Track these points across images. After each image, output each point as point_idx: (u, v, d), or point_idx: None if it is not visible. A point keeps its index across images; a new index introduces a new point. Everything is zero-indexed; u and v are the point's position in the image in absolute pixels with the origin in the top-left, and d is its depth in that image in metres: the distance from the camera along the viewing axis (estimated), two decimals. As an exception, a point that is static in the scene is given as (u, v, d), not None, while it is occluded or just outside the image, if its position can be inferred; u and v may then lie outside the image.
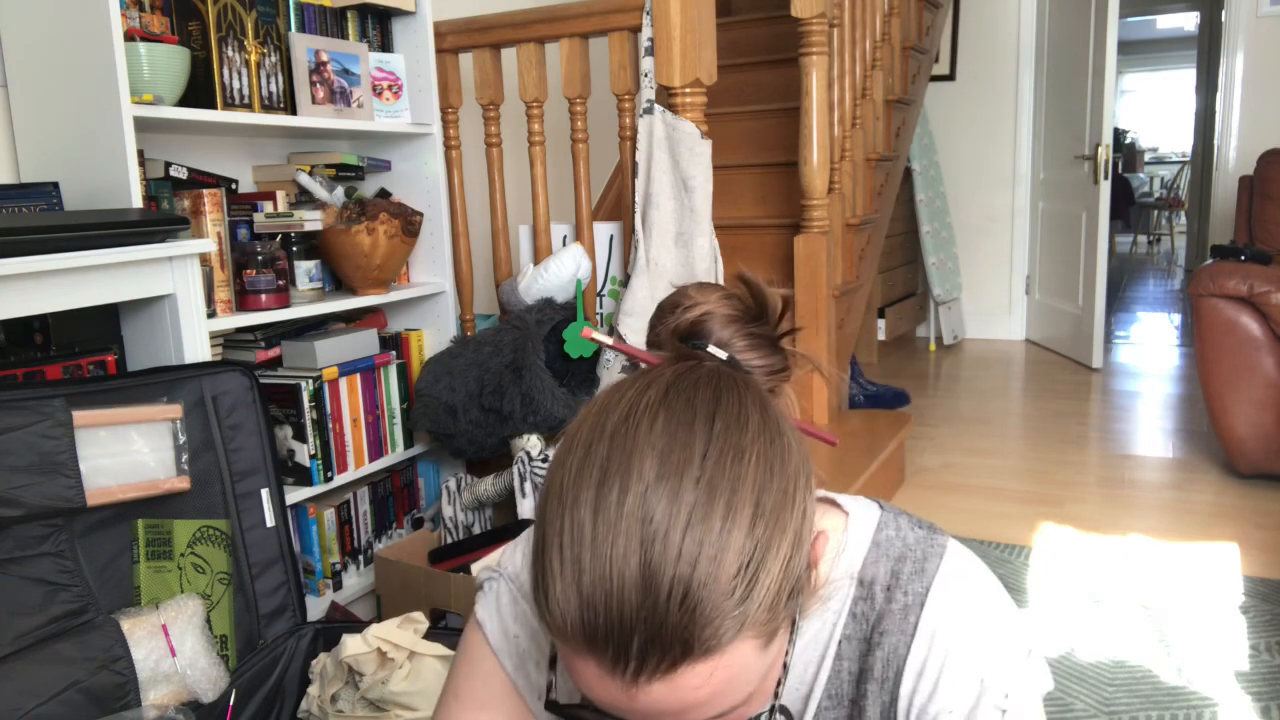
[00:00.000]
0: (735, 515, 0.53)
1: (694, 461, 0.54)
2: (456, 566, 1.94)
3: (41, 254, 1.36)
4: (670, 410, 0.57)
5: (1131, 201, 9.28)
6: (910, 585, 0.69)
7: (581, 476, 0.56)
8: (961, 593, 0.69)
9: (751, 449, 0.56)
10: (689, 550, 0.52)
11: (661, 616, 0.51)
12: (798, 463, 0.59)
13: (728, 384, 0.60)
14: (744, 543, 0.53)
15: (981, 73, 4.83)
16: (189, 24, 1.82)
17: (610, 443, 0.56)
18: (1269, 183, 3.55)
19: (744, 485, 0.55)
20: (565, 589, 0.54)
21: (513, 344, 2.09)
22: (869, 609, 0.70)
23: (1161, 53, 11.25)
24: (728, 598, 0.52)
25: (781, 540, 0.55)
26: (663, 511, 0.53)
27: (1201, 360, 2.79)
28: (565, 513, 0.55)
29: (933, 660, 0.67)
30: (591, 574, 0.53)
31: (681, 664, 0.52)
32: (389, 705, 1.44)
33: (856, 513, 0.74)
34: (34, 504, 1.31)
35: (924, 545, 0.71)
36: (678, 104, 2.18)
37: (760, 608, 0.54)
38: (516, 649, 0.77)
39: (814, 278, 2.58)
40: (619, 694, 0.54)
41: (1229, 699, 1.71)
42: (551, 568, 0.55)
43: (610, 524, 0.53)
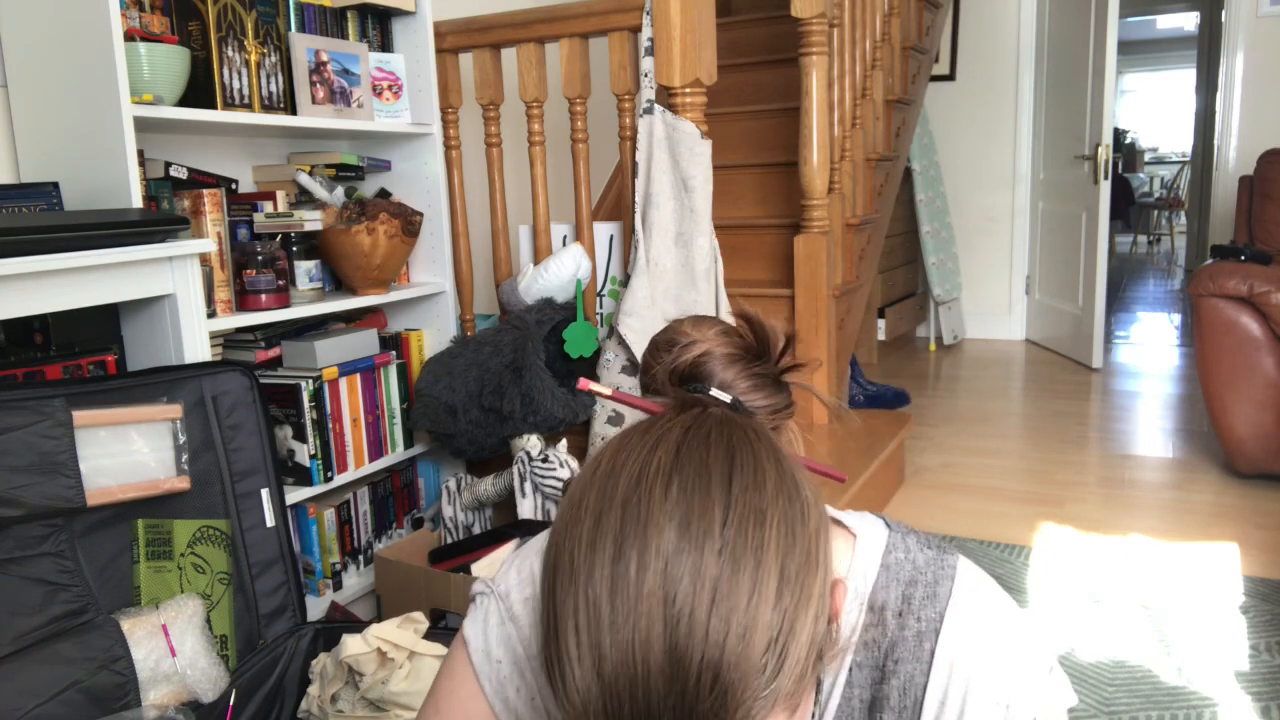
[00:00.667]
0: (761, 587, 0.50)
1: (714, 532, 0.51)
2: (456, 566, 1.94)
3: (41, 254, 1.36)
4: (684, 474, 0.53)
5: (1131, 201, 9.28)
6: (923, 611, 0.67)
7: (595, 551, 0.52)
8: (977, 618, 0.67)
9: (772, 512, 0.53)
10: (716, 630, 0.48)
11: (691, 702, 0.48)
12: (817, 519, 0.56)
13: (740, 438, 0.57)
14: (772, 616, 0.50)
15: (981, 73, 4.83)
16: (189, 24, 1.82)
17: (622, 512, 0.52)
18: (1269, 183, 3.55)
19: (768, 553, 0.51)
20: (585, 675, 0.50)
21: (513, 344, 2.09)
22: (880, 635, 0.68)
23: (1161, 53, 11.25)
24: (759, 675, 0.49)
25: (808, 607, 0.52)
26: (685, 589, 0.49)
27: (1201, 360, 2.79)
28: (579, 591, 0.51)
29: (954, 690, 0.66)
30: (613, 659, 0.49)
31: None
32: (389, 705, 1.44)
33: (864, 534, 0.72)
34: (34, 504, 1.31)
35: (934, 567, 0.69)
36: (678, 104, 2.18)
37: (790, 679, 0.51)
38: (498, 674, 0.74)
39: (814, 278, 2.58)
40: None
41: (1229, 699, 1.71)
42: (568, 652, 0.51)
43: (630, 604, 0.49)
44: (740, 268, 2.92)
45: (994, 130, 4.86)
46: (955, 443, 3.28)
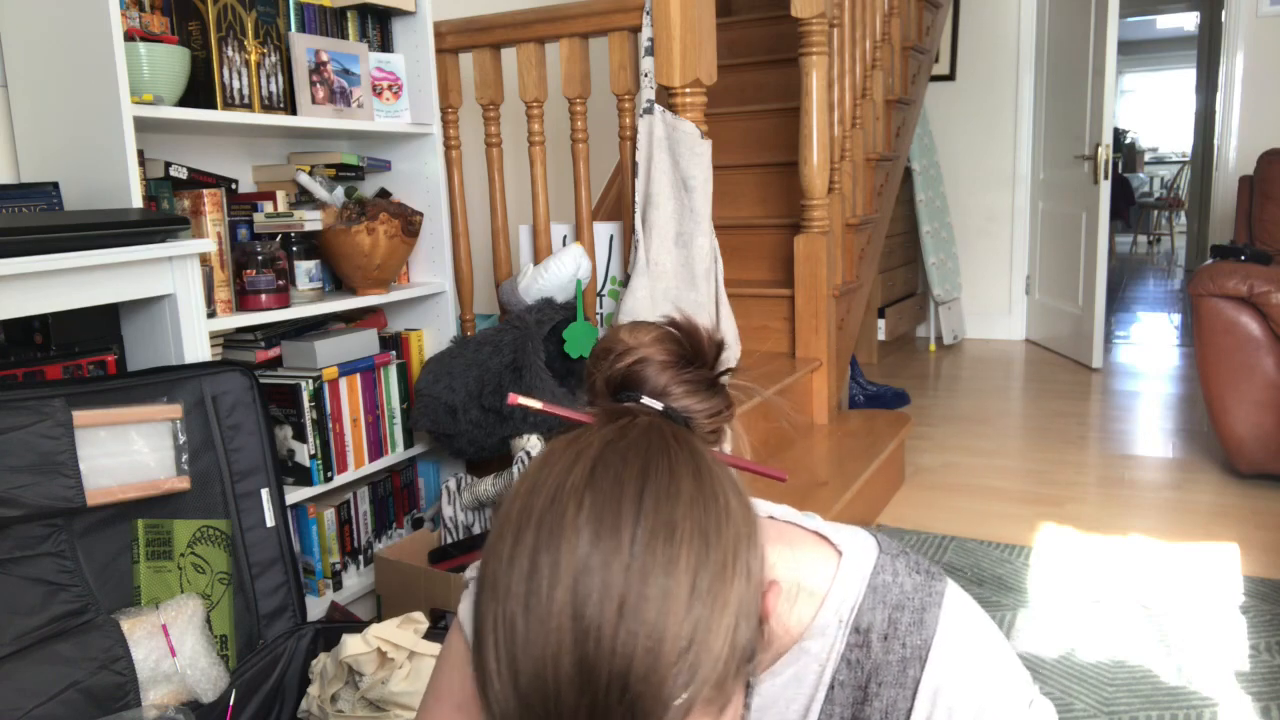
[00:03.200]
0: (670, 600, 0.51)
1: (623, 547, 0.51)
2: (456, 566, 1.94)
3: (41, 254, 1.36)
4: (596, 491, 0.54)
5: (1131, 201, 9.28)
6: (909, 637, 0.68)
7: (512, 566, 0.53)
8: (964, 649, 0.68)
9: (683, 525, 0.53)
10: (624, 644, 0.49)
11: (602, 714, 0.49)
12: (738, 525, 0.55)
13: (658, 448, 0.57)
14: (681, 626, 0.50)
15: (981, 73, 4.83)
16: (189, 24, 1.82)
17: (537, 530, 0.53)
18: (1269, 183, 3.55)
19: (677, 566, 0.52)
20: (503, 688, 0.51)
21: (513, 344, 2.09)
22: (864, 656, 0.68)
23: (1161, 53, 11.25)
24: (668, 686, 0.50)
25: (722, 616, 0.52)
26: (594, 603, 0.50)
27: (1201, 360, 2.79)
28: (498, 605, 0.52)
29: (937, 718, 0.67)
30: (527, 673, 0.50)
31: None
32: (389, 705, 1.44)
33: (851, 553, 0.72)
34: (34, 504, 1.31)
35: (922, 594, 0.70)
36: (678, 104, 2.19)
37: (706, 686, 0.51)
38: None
39: (814, 278, 2.58)
40: None
41: (1229, 699, 1.71)
42: (488, 665, 0.52)
43: (541, 619, 0.50)
44: (740, 268, 2.92)
45: (994, 130, 4.86)
46: (955, 443, 3.28)
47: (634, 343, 0.66)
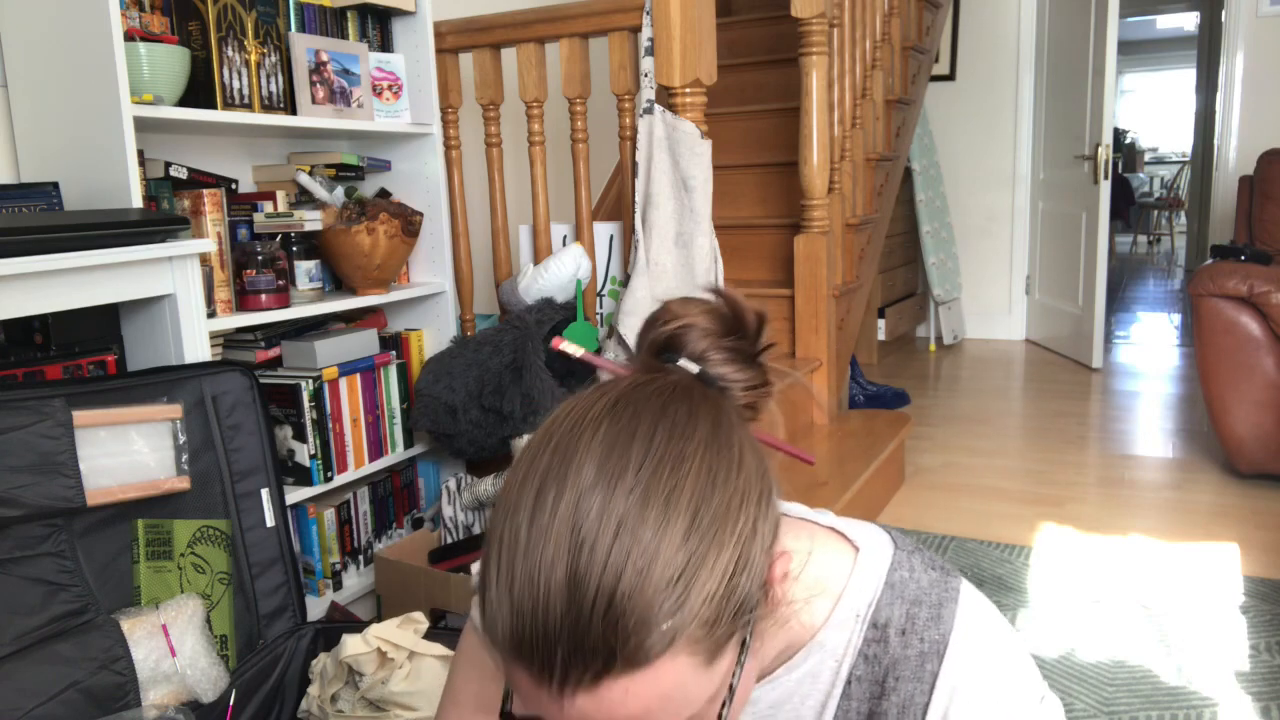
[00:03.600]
0: (667, 526, 0.52)
1: (629, 470, 0.53)
2: (456, 566, 1.94)
3: (41, 254, 1.36)
4: (614, 419, 0.56)
5: (1131, 201, 9.28)
6: (927, 632, 0.69)
7: (524, 485, 0.55)
8: (981, 643, 0.69)
9: (692, 459, 0.55)
10: (616, 560, 0.51)
11: (585, 626, 0.50)
12: (749, 478, 0.57)
13: (681, 395, 0.59)
14: (675, 554, 0.52)
15: (981, 73, 4.83)
16: (189, 24, 1.82)
17: (552, 452, 0.55)
18: (1269, 183, 3.55)
19: (680, 496, 0.53)
20: (498, 596, 0.53)
21: (513, 344, 2.09)
22: (882, 651, 0.69)
23: (1161, 53, 11.25)
24: (655, 610, 0.51)
25: (719, 555, 0.53)
26: (593, 519, 0.52)
27: (1201, 360, 2.79)
28: (505, 520, 0.54)
29: (954, 713, 0.67)
30: (520, 581, 0.52)
31: (605, 677, 0.51)
32: (389, 705, 1.44)
33: (868, 548, 0.73)
34: (34, 504, 1.31)
35: (939, 589, 0.71)
36: (678, 104, 2.19)
37: (694, 622, 0.52)
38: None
39: (814, 278, 2.58)
40: (550, 706, 0.53)
41: (1229, 699, 1.71)
42: (489, 575, 0.54)
43: (542, 531, 0.52)
44: (740, 268, 2.92)
45: (994, 130, 4.86)
46: (955, 443, 3.28)
47: (681, 311, 0.67)
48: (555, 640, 0.51)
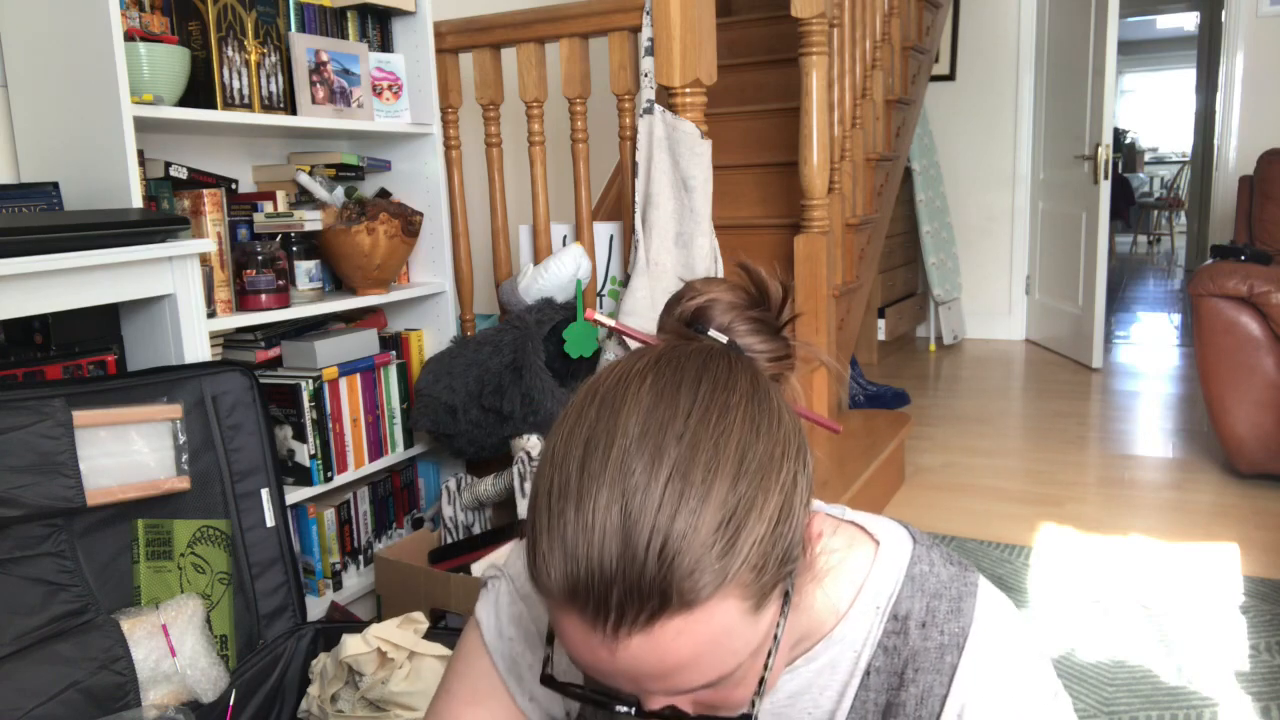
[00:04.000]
0: (718, 471, 0.54)
1: (678, 418, 0.55)
2: (456, 566, 1.94)
3: (41, 254, 1.36)
4: (659, 374, 0.58)
5: (1131, 201, 9.28)
6: (947, 625, 0.69)
7: (572, 437, 0.56)
8: (1000, 637, 0.70)
9: (737, 409, 0.56)
10: (669, 503, 0.52)
11: (640, 567, 0.51)
12: (788, 433, 0.58)
13: (719, 354, 0.61)
14: (726, 497, 0.53)
15: (981, 73, 4.83)
16: (189, 24, 1.82)
17: (599, 405, 0.57)
18: (1269, 183, 3.55)
19: (728, 442, 0.55)
20: (550, 544, 0.54)
21: (513, 344, 2.09)
22: (902, 643, 0.70)
23: (1161, 53, 11.25)
24: (707, 551, 0.52)
25: (766, 500, 0.55)
26: (644, 466, 0.53)
27: (1201, 360, 2.79)
28: (555, 471, 0.56)
29: (972, 705, 0.68)
30: (574, 527, 0.53)
31: (660, 616, 0.52)
32: (389, 705, 1.44)
33: (888, 542, 0.73)
34: (34, 504, 1.31)
35: (958, 584, 0.71)
36: (678, 104, 2.18)
37: (744, 565, 0.53)
38: (510, 651, 0.77)
39: (814, 278, 2.58)
40: (602, 651, 0.54)
41: (1229, 699, 1.71)
42: (539, 524, 0.55)
43: (594, 478, 0.53)
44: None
45: (994, 130, 4.85)
46: (955, 443, 3.28)
47: (705, 288, 0.68)
48: (610, 582, 0.51)
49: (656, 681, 0.55)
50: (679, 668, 0.54)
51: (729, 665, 0.55)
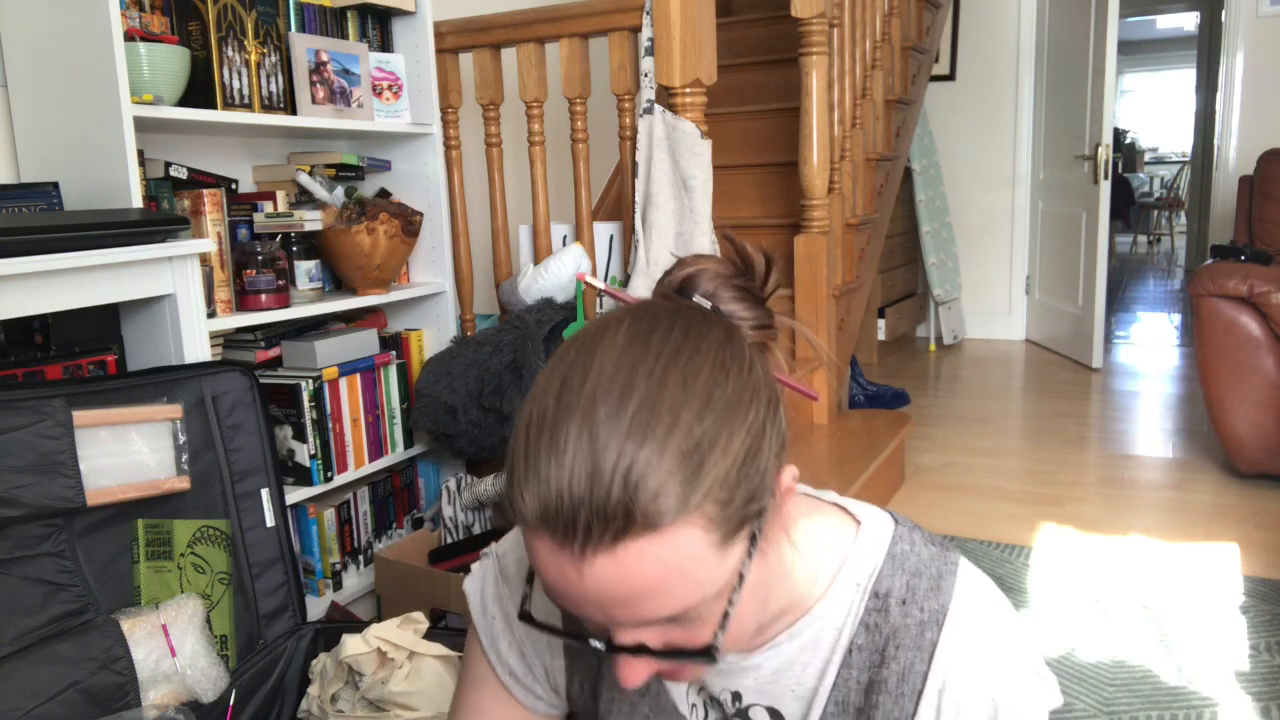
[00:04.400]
0: (684, 404, 0.56)
1: (649, 357, 0.58)
2: (456, 566, 1.94)
3: (41, 254, 1.36)
4: (635, 320, 0.61)
5: (1131, 201, 9.28)
6: (927, 602, 0.71)
7: (551, 375, 0.60)
8: (979, 614, 0.71)
9: (708, 353, 0.59)
10: (635, 431, 0.55)
11: (605, 489, 0.53)
12: (759, 382, 0.61)
13: (696, 309, 0.64)
14: (691, 428, 0.55)
15: (981, 73, 4.83)
16: (189, 24, 1.82)
17: (578, 347, 0.60)
18: (1269, 183, 3.55)
19: (696, 380, 0.57)
20: (525, 472, 0.56)
21: (513, 344, 2.09)
22: (883, 621, 0.71)
23: (1161, 53, 11.24)
24: (671, 476, 0.54)
25: (732, 438, 0.57)
26: (614, 397, 0.56)
27: (1201, 360, 2.79)
28: (534, 405, 0.59)
29: (952, 681, 0.69)
30: (547, 453, 0.56)
31: (624, 537, 0.54)
32: (389, 705, 1.44)
33: (869, 522, 0.75)
34: (34, 504, 1.31)
35: (938, 563, 0.72)
36: (678, 104, 2.18)
37: (707, 496, 0.55)
38: (491, 628, 0.82)
39: (814, 278, 2.58)
40: (571, 572, 0.56)
41: (1229, 699, 1.71)
42: (516, 454, 0.58)
43: (568, 409, 0.56)
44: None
45: (994, 130, 4.85)
46: (955, 443, 3.28)
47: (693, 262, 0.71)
48: (578, 504, 0.54)
49: (622, 609, 0.56)
50: (643, 592, 0.55)
51: (693, 597, 0.57)
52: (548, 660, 0.82)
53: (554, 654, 0.81)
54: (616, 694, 0.79)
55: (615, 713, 0.79)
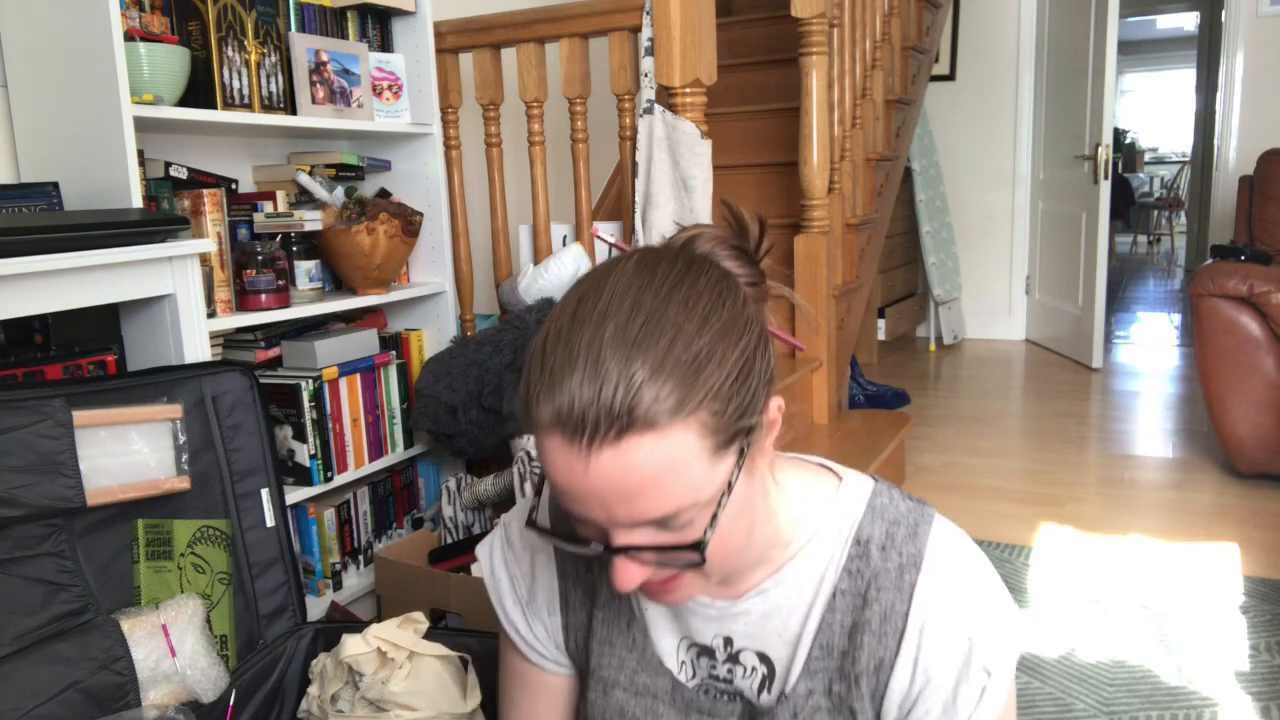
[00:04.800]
0: (684, 322, 0.63)
1: (655, 282, 0.65)
2: (456, 566, 1.94)
3: (41, 254, 1.36)
4: (643, 256, 0.68)
5: (1131, 201, 9.28)
6: (905, 546, 0.76)
7: (566, 300, 0.67)
8: (955, 556, 0.76)
9: (706, 285, 0.66)
10: (641, 341, 0.61)
11: (612, 389, 0.60)
12: (751, 318, 0.67)
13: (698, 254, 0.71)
14: (690, 342, 0.62)
15: (981, 73, 4.83)
16: (189, 24, 1.82)
17: (593, 277, 0.68)
18: (1269, 183, 3.55)
19: (696, 303, 0.64)
20: (540, 378, 0.63)
21: (513, 344, 2.09)
22: (864, 566, 0.76)
23: (1161, 53, 11.24)
24: (671, 382, 0.61)
25: (726, 356, 0.63)
26: (623, 313, 0.63)
27: (1201, 360, 2.79)
28: (551, 324, 0.65)
29: (932, 619, 0.74)
30: (560, 359, 0.62)
31: (628, 433, 0.60)
32: (389, 705, 1.44)
33: (850, 479, 0.81)
34: (34, 504, 1.31)
35: (915, 514, 0.78)
36: (678, 104, 2.18)
37: (702, 404, 0.62)
38: (498, 587, 0.89)
39: (814, 278, 2.58)
40: (578, 467, 0.62)
41: (1229, 699, 1.71)
42: (533, 365, 0.65)
43: (580, 323, 0.63)
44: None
45: (994, 130, 4.85)
46: (955, 443, 3.28)
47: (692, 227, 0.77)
48: (587, 404, 0.60)
49: (622, 505, 0.62)
50: (642, 488, 0.61)
51: (684, 499, 0.63)
52: (545, 618, 0.87)
53: (551, 611, 0.87)
54: (605, 649, 0.84)
55: (604, 666, 0.84)
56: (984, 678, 0.73)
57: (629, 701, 0.83)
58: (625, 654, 0.84)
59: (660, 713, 0.82)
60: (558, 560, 0.87)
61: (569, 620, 0.87)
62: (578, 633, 0.86)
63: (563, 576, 0.86)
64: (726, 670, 0.80)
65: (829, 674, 0.76)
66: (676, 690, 0.82)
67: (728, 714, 0.80)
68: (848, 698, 0.76)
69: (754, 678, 0.79)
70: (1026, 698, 1.75)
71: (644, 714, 0.82)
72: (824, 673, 0.77)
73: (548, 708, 0.91)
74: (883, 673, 0.75)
